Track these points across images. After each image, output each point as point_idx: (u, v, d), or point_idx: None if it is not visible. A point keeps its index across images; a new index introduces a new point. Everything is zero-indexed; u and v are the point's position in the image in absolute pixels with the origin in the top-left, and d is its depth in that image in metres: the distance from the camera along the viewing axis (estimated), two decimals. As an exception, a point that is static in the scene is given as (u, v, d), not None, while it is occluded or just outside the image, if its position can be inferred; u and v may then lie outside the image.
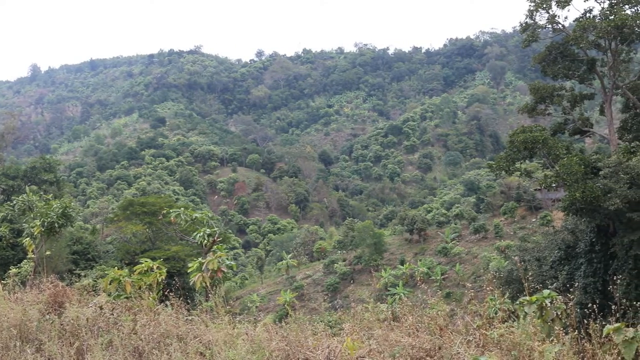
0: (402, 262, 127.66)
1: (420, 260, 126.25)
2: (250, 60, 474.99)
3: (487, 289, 11.88)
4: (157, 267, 14.94)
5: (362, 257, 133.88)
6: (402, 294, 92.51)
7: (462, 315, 11.49)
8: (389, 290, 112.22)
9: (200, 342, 10.74)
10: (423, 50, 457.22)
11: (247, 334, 11.01)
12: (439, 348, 9.47)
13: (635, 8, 50.42)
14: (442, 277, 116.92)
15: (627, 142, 49.92)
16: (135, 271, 14.72)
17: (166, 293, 13.84)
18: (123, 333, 11.24)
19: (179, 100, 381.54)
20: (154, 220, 79.48)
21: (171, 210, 30.89)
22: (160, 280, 14.75)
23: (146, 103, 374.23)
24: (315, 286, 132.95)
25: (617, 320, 9.52)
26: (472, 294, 12.60)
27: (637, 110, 52.56)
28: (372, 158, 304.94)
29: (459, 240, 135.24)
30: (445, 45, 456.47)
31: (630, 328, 9.12)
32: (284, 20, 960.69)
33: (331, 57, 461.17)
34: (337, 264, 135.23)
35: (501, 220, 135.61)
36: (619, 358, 8.92)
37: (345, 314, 13.30)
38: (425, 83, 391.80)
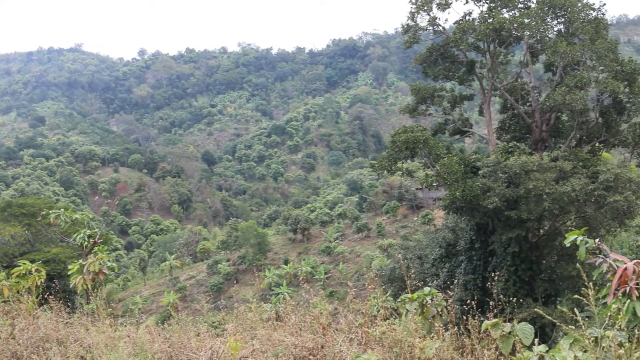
0: (286, 262, 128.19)
1: (304, 260, 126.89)
2: (133, 59, 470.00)
3: (370, 287, 11.98)
4: (36, 270, 14.62)
5: (245, 257, 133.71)
6: (286, 294, 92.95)
7: (345, 314, 11.58)
8: (272, 290, 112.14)
9: (81, 346, 10.53)
10: (306, 51, 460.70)
11: (129, 336, 10.85)
12: (322, 347, 9.50)
13: (513, 12, 51.71)
14: (326, 276, 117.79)
15: (505, 142, 51.02)
16: (13, 274, 14.33)
17: (46, 296, 13.53)
18: (0, 338, 10.92)
19: (59, 99, 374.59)
20: (33, 222, 77.46)
21: (51, 212, 30.23)
22: (39, 283, 14.44)
23: (25, 102, 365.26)
24: (199, 287, 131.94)
25: (495, 316, 9.71)
26: (355, 292, 12.71)
27: (515, 111, 53.89)
28: (255, 158, 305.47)
29: (342, 239, 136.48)
30: (328, 45, 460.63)
31: (508, 323, 9.31)
32: (166, 20, 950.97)
33: (214, 57, 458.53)
34: (221, 264, 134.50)
35: (383, 219, 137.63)
36: (497, 352, 9.10)
37: (228, 315, 13.26)
38: (309, 83, 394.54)
